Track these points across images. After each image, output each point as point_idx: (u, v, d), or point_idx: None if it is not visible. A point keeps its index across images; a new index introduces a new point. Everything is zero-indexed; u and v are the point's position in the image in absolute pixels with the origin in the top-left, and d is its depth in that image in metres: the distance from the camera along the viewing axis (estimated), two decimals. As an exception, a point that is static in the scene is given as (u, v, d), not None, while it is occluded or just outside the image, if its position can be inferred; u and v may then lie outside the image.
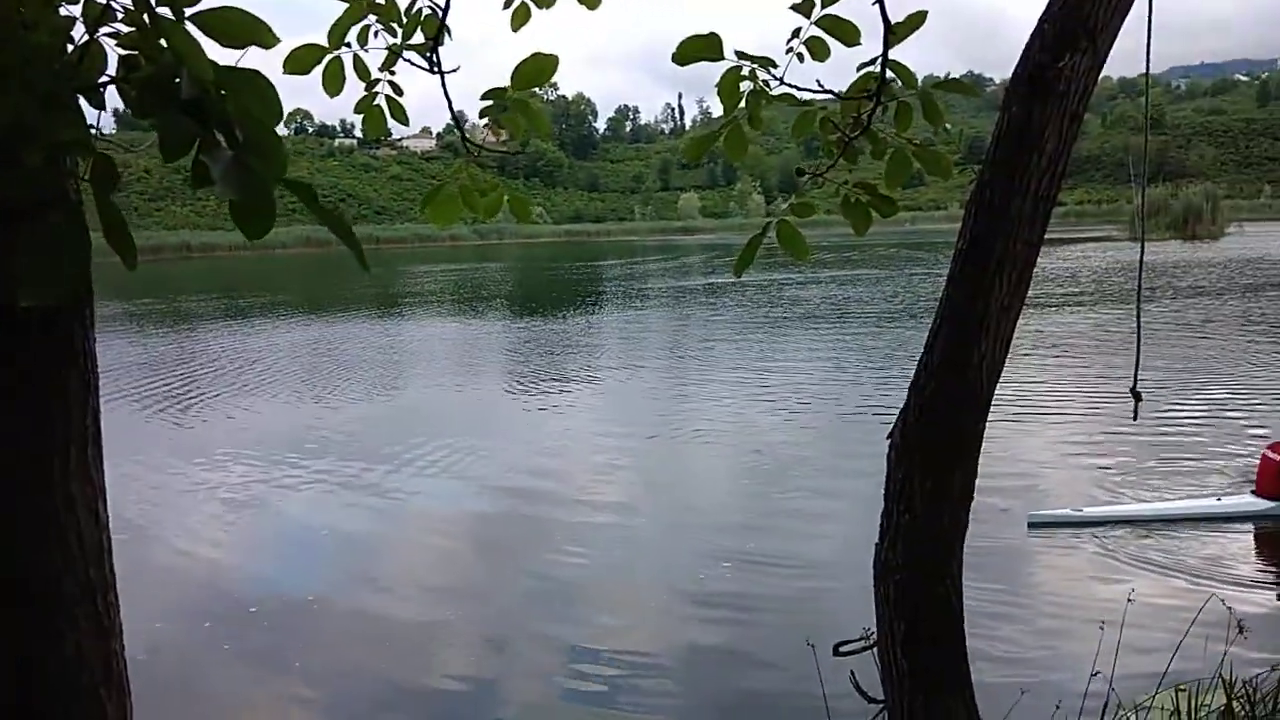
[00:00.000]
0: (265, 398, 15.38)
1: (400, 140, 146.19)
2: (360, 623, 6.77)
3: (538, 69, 1.90)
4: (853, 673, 2.99)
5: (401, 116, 2.18)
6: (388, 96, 2.17)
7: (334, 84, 2.02)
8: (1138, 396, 2.86)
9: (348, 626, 6.73)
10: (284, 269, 59.32)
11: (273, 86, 1.22)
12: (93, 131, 1.27)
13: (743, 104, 2.01)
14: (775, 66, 1.92)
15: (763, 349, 19.44)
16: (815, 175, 2.25)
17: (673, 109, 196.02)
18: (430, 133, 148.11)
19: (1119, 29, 2.47)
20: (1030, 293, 2.62)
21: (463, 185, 2.14)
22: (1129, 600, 3.89)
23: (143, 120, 1.16)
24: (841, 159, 2.45)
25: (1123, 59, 2.98)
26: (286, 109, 1.26)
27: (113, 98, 1.29)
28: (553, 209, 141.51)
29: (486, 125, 2.11)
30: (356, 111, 2.17)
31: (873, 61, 1.97)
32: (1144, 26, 2.75)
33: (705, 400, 14.22)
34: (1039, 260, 2.63)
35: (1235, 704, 3.31)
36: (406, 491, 9.97)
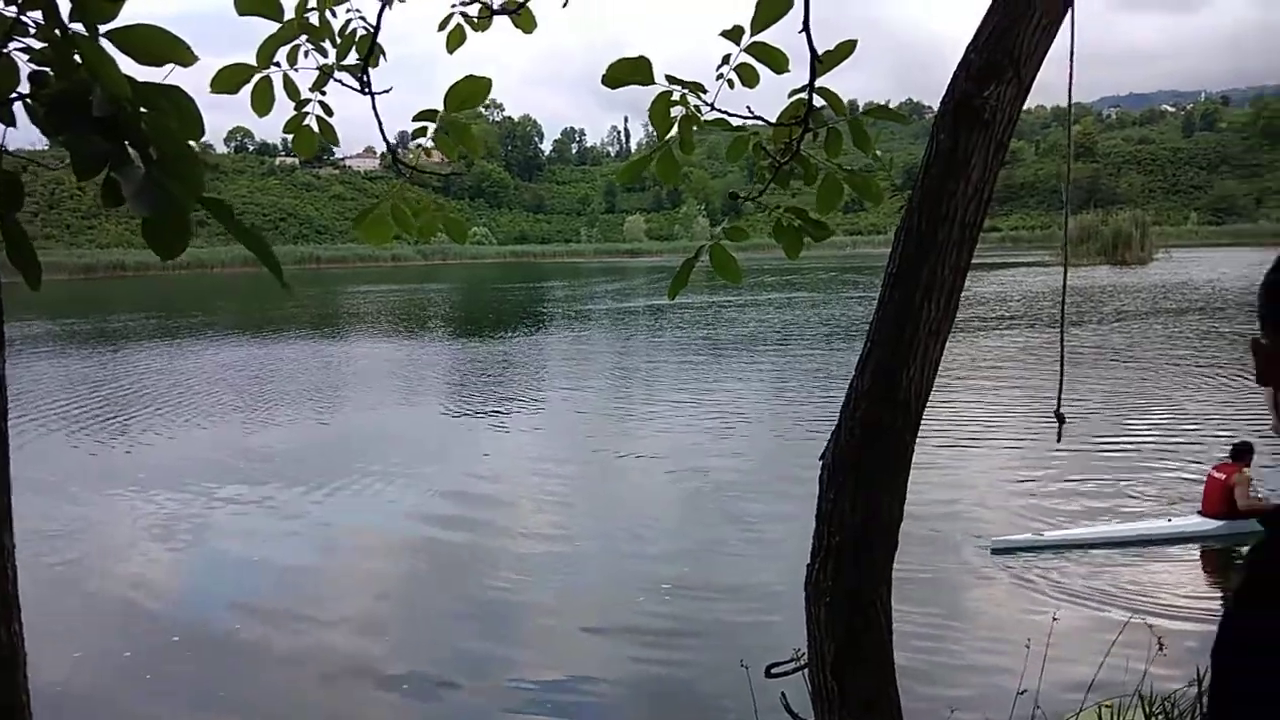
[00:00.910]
0: (194, 420, 15.02)
1: (343, 159, 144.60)
2: (287, 652, 6.62)
3: (471, 91, 1.90)
4: (783, 694, 3.00)
5: (331, 137, 2.16)
6: (318, 117, 2.15)
7: (262, 104, 2.00)
8: (1061, 419, 2.93)
9: (274, 656, 6.57)
10: (220, 288, 58.15)
11: (193, 103, 1.20)
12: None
13: (675, 129, 2.03)
14: (705, 92, 1.94)
15: (704, 371, 19.56)
16: (749, 199, 2.28)
17: (619, 131, 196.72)
18: (374, 152, 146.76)
19: (1042, 60, 2.54)
20: (965, 315, 2.68)
21: (395, 206, 2.12)
22: (1054, 620, 3.97)
23: (54, 138, 1.13)
24: (781, 184, 2.48)
25: (1055, 88, 3.06)
26: (226, 126, 1.24)
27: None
28: (498, 230, 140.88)
29: (419, 146, 2.10)
30: (286, 131, 2.15)
31: (803, 89, 2.01)
32: (1075, 57, 2.84)
33: (646, 422, 14.24)
34: (975, 284, 2.69)
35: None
36: (340, 517, 9.79)
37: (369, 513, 9.95)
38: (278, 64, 1.99)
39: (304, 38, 2.01)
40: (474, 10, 2.21)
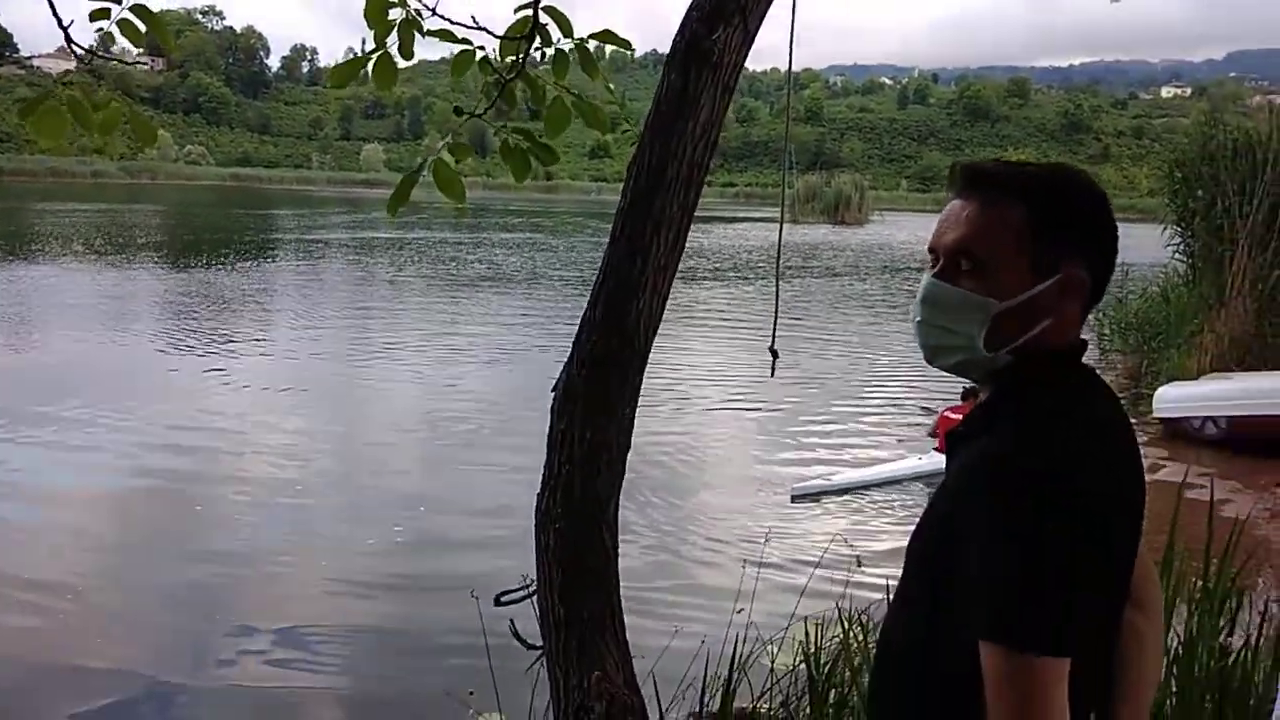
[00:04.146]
0: None
1: (30, 58, 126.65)
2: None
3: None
4: (512, 621, 3.03)
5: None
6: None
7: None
8: (775, 354, 3.13)
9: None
10: None
11: None
12: None
13: (395, 34, 1.92)
14: (426, -4, 1.86)
15: (444, 307, 19.24)
16: (472, 114, 2.22)
17: (355, 54, 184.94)
18: (70, 52, 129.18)
19: (765, 11, 2.65)
20: (697, 264, 2.77)
21: (71, 98, 1.86)
22: (764, 541, 4.28)
23: None
24: (509, 102, 2.44)
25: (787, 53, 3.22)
26: None
27: None
28: (216, 149, 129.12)
29: (101, 38, 1.85)
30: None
31: (529, 4, 1.97)
32: (806, 27, 2.99)
33: (382, 360, 13.80)
34: (706, 236, 2.78)
35: (852, 632, 3.74)
36: (27, 463, 8.73)
37: (68, 455, 8.93)
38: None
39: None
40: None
